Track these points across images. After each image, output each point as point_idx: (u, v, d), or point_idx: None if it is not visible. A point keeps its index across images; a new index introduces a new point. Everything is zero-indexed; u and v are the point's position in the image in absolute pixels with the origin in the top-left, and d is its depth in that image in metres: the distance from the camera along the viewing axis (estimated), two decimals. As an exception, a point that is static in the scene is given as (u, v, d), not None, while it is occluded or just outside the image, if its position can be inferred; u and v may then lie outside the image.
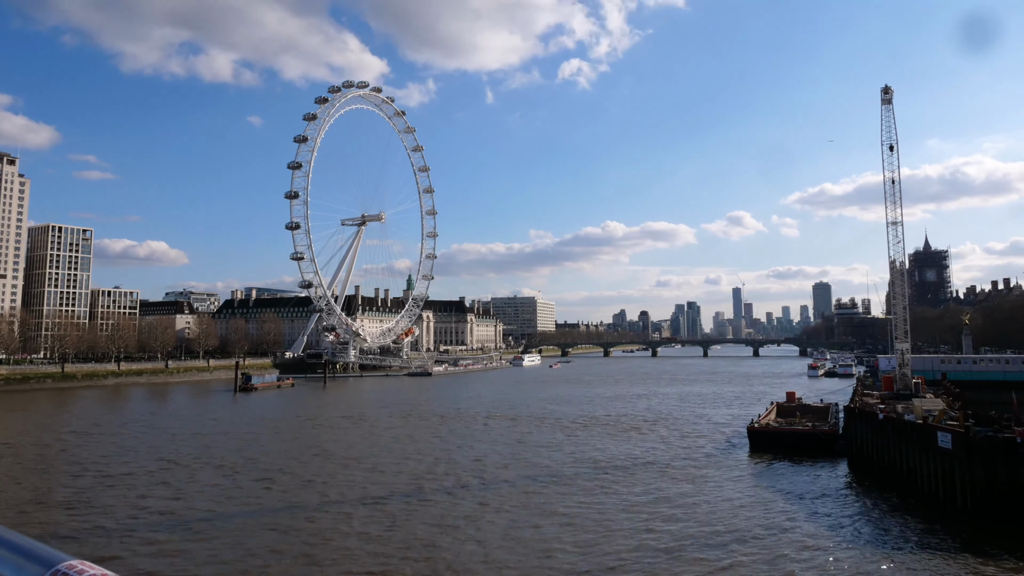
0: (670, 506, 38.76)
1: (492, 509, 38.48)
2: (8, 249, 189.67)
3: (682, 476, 47.03)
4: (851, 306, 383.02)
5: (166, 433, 69.13)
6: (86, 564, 2.28)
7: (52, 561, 2.27)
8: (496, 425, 75.13)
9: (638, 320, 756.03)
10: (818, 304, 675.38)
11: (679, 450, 57.48)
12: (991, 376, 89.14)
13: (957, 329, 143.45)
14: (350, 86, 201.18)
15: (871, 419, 48.89)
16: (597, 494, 41.72)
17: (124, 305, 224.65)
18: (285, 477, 47.56)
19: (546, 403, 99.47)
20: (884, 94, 66.68)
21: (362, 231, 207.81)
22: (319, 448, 60.65)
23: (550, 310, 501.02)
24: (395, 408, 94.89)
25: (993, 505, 34.51)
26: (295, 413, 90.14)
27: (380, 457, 55.67)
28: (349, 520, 36.16)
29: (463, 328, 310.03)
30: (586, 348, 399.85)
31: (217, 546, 31.81)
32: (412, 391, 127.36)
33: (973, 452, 35.94)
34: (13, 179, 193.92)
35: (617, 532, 33.78)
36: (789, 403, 71.40)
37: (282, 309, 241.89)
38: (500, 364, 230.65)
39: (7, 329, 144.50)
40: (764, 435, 57.04)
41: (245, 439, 66.12)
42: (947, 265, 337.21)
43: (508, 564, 29.45)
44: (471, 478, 46.87)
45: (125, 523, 35.58)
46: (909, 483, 41.86)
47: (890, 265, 69.91)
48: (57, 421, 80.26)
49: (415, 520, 35.95)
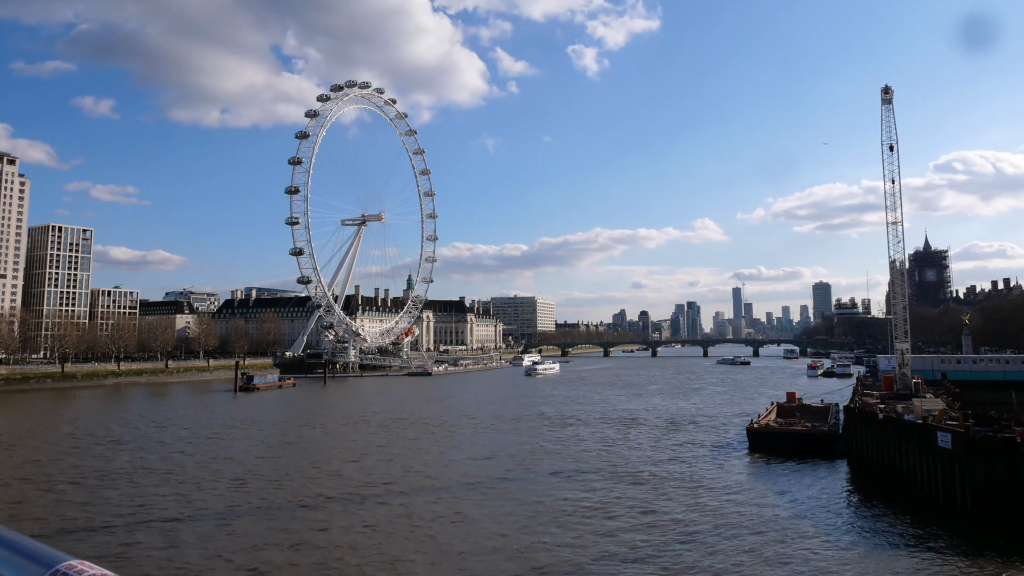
0: (669, 506, 38.73)
1: (487, 507, 38.48)
2: (8, 249, 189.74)
3: (682, 476, 47.00)
4: (851, 306, 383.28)
5: (166, 433, 69.09)
6: (86, 564, 2.27)
7: (52, 561, 2.26)
8: (502, 427, 75.23)
9: (638, 320, 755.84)
10: (818, 304, 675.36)
11: (679, 450, 57.43)
12: (991, 376, 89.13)
13: (957, 329, 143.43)
14: (352, 85, 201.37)
15: (871, 419, 48.88)
16: (597, 494, 41.70)
17: (124, 305, 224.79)
18: (287, 478, 47.53)
19: (546, 404, 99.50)
20: (884, 94, 66.70)
21: (362, 231, 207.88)
22: (320, 451, 60.62)
23: (550, 310, 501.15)
24: (396, 412, 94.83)
25: (993, 505, 34.50)
26: (297, 414, 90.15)
27: (382, 463, 55.64)
28: (360, 521, 36.16)
29: (463, 328, 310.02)
30: (586, 348, 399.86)
31: (218, 546, 31.80)
32: (412, 392, 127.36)
33: (973, 452, 35.93)
34: (13, 179, 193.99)
35: (615, 532, 33.76)
36: (789, 403, 71.40)
37: (282, 309, 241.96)
38: (500, 364, 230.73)
39: (7, 329, 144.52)
40: (764, 435, 57.02)
41: (246, 440, 66.12)
42: (947, 265, 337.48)
43: (491, 561, 29.41)
44: (472, 478, 46.92)
45: (125, 523, 35.55)
46: (909, 483, 41.86)
47: (890, 265, 69.93)
48: (57, 421, 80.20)
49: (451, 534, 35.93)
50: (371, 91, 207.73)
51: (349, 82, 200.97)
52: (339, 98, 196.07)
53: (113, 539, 32.87)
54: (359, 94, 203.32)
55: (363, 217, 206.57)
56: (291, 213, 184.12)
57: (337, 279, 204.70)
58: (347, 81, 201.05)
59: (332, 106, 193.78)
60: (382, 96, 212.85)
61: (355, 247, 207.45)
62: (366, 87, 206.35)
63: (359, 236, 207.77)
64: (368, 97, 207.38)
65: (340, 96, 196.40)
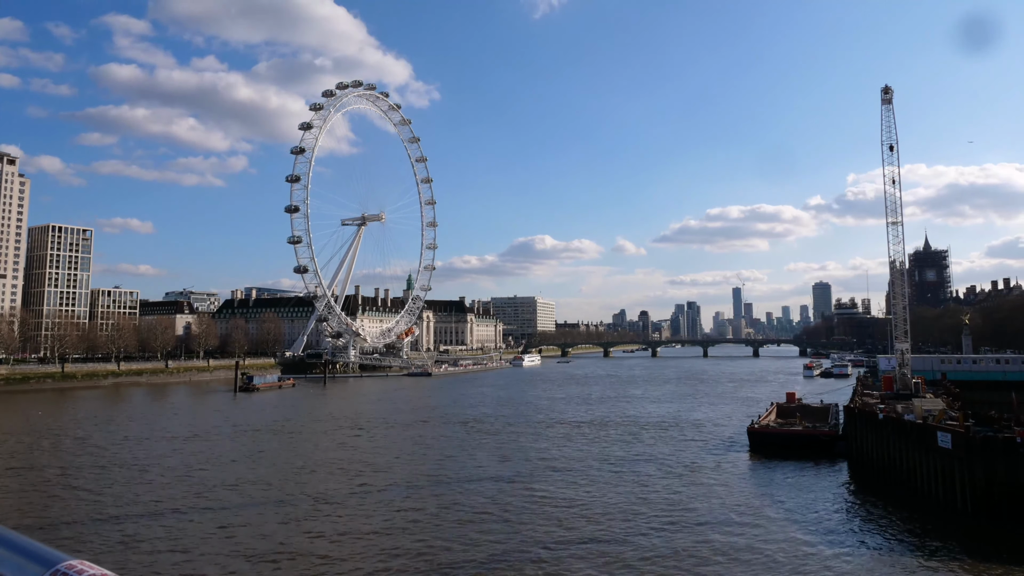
0: (669, 507, 38.73)
1: (496, 507, 38.50)
2: (8, 249, 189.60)
3: (682, 477, 47.00)
4: (851, 306, 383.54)
5: (166, 434, 69.09)
6: (86, 564, 2.27)
7: (52, 561, 2.26)
8: (498, 430, 75.22)
9: (638, 320, 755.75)
10: (818, 304, 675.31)
11: (679, 450, 57.44)
12: (991, 376, 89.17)
13: (957, 329, 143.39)
14: (358, 85, 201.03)
15: (871, 419, 48.86)
16: (596, 493, 41.71)
17: (124, 305, 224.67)
18: (288, 481, 47.54)
19: (545, 405, 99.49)
20: (884, 94, 66.64)
21: (362, 231, 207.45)
22: (322, 454, 60.63)
23: (550, 310, 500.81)
24: (400, 415, 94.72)
25: (993, 505, 34.47)
26: (298, 416, 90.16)
27: (386, 466, 55.63)
28: (367, 526, 36.18)
29: (463, 328, 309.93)
30: (586, 348, 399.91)
31: (219, 545, 31.80)
32: (413, 393, 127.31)
33: (973, 452, 35.91)
34: (13, 179, 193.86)
35: (614, 532, 33.77)
36: (789, 404, 71.38)
37: (282, 309, 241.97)
38: (500, 364, 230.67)
39: (7, 329, 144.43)
40: (764, 436, 57.00)
41: (247, 442, 66.14)
42: (947, 265, 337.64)
43: (500, 562, 29.46)
44: (473, 477, 46.94)
45: (125, 523, 35.56)
46: (909, 483, 41.83)
47: (890, 265, 69.92)
48: (57, 421, 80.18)
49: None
50: (375, 92, 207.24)
51: (355, 82, 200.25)
52: (344, 95, 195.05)
53: (113, 539, 32.87)
54: (362, 94, 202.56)
55: (363, 217, 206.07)
56: (291, 201, 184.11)
57: (337, 279, 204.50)
58: (353, 81, 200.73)
59: (331, 107, 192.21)
60: (386, 99, 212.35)
61: (355, 247, 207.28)
62: (371, 88, 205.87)
63: (359, 236, 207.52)
64: (369, 97, 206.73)
65: (345, 93, 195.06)
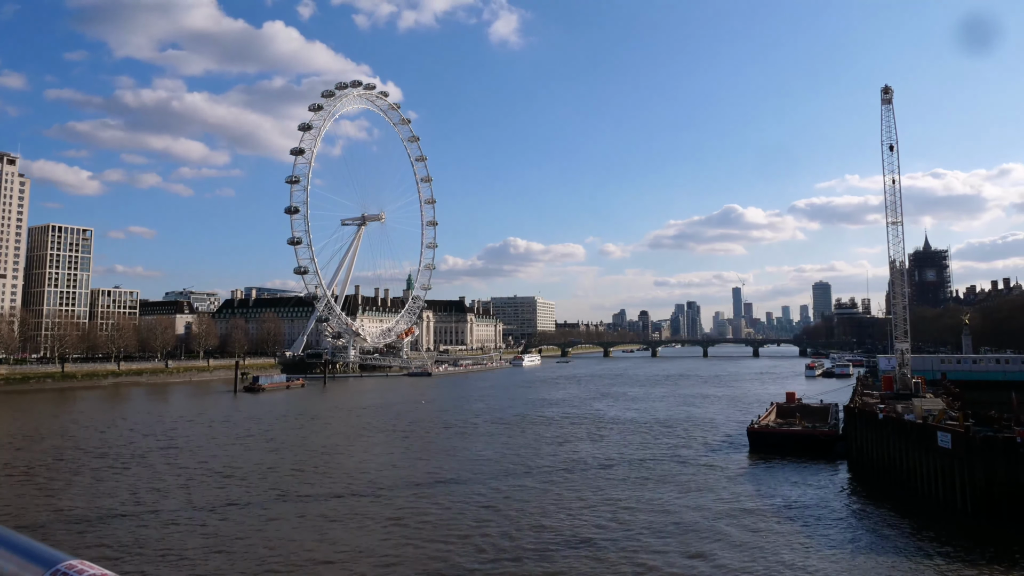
0: (668, 507, 38.75)
1: (493, 507, 38.51)
2: (8, 249, 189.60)
3: (681, 476, 47.01)
4: (851, 306, 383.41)
5: (166, 434, 69.12)
6: (86, 564, 2.27)
7: (52, 561, 2.26)
8: (498, 431, 75.21)
9: (638, 320, 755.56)
10: (818, 304, 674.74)
11: (678, 450, 57.45)
12: (991, 376, 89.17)
13: (957, 329, 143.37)
14: (357, 85, 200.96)
15: (871, 419, 48.86)
16: (596, 493, 41.72)
17: (124, 305, 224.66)
18: (291, 483, 47.55)
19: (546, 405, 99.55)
20: (884, 94, 66.65)
21: (362, 231, 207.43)
22: (322, 454, 60.63)
23: (550, 310, 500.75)
24: (400, 419, 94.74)
25: (993, 505, 34.47)
26: (298, 417, 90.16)
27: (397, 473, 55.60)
28: (371, 529, 36.19)
29: (463, 328, 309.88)
30: (586, 348, 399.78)
31: (219, 546, 31.80)
32: (413, 393, 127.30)
33: (973, 452, 35.91)
34: (13, 179, 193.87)
35: (613, 532, 33.77)
36: (789, 404, 71.39)
37: (282, 309, 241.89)
38: (500, 364, 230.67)
39: (7, 329, 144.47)
40: (764, 436, 57.00)
41: (249, 443, 66.14)
42: (947, 265, 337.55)
43: (500, 562, 29.45)
44: (474, 477, 46.97)
45: (126, 523, 35.57)
46: (909, 483, 41.81)
47: (890, 265, 69.88)
48: (57, 421, 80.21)
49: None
50: (375, 92, 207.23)
51: (355, 82, 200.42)
52: (344, 95, 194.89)
53: (113, 539, 32.87)
54: (363, 94, 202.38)
55: (363, 217, 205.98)
56: (291, 202, 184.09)
57: (337, 279, 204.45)
58: (353, 81, 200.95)
59: (329, 109, 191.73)
60: (386, 99, 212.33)
61: (355, 247, 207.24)
62: (371, 88, 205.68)
63: (359, 236, 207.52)
64: (369, 97, 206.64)
65: (345, 93, 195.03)
